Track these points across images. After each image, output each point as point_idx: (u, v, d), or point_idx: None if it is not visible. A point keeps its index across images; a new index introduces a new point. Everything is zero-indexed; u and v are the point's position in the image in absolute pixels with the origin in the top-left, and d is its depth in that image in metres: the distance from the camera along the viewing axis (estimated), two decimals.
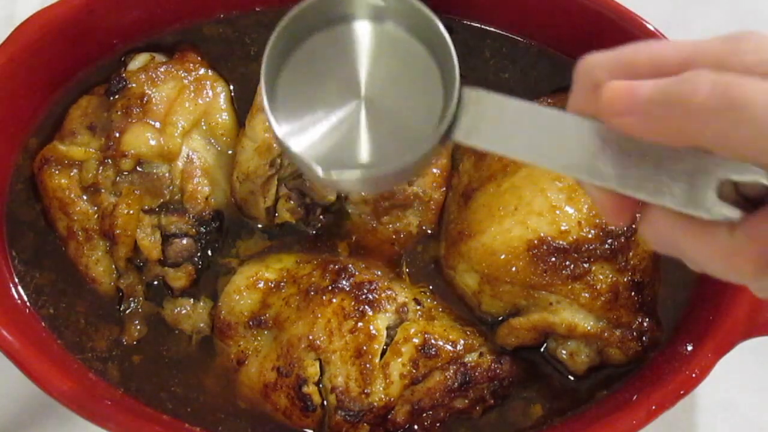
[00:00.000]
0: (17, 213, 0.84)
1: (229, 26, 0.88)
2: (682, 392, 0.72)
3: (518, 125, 0.47)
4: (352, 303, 0.76)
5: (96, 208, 0.81)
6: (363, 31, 0.54)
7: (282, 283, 0.80)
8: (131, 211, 0.80)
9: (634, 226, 0.77)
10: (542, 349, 0.81)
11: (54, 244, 0.84)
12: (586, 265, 0.75)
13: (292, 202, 0.83)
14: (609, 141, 0.45)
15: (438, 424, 0.78)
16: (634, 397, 0.74)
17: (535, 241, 0.75)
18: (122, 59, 0.86)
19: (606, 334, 0.77)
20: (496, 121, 0.48)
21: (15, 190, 0.85)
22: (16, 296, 0.82)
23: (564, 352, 0.79)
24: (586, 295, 0.76)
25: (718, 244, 0.42)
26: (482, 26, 0.87)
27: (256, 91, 0.83)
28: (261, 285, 0.80)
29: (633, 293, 0.77)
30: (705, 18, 0.98)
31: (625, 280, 0.76)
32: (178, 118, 0.82)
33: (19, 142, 0.85)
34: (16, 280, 0.83)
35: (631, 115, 0.42)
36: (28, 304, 0.83)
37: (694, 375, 0.73)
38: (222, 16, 0.88)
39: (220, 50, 0.88)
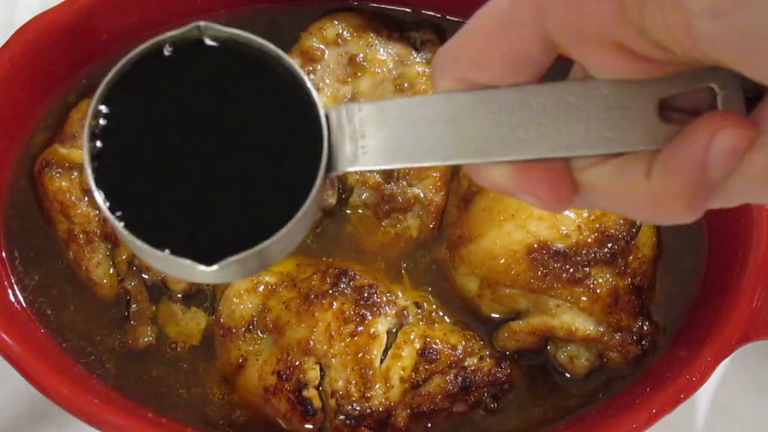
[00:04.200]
0: (16, 215, 0.84)
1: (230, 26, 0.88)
2: (682, 396, 0.72)
3: (402, 127, 0.38)
4: (352, 307, 0.76)
5: (97, 211, 0.81)
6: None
7: (282, 287, 0.80)
8: None
9: (633, 230, 0.77)
10: (542, 353, 0.81)
11: (53, 247, 0.83)
12: (586, 269, 0.75)
13: None
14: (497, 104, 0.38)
15: (438, 428, 0.78)
16: (635, 401, 0.74)
17: (535, 245, 0.75)
18: None
19: (606, 337, 0.77)
20: (379, 131, 0.38)
21: (15, 193, 0.84)
22: (14, 299, 0.82)
23: (564, 355, 0.79)
24: (586, 298, 0.75)
25: (639, 193, 0.36)
26: None
27: None
28: (261, 288, 0.80)
29: (633, 297, 0.77)
30: None
31: (625, 283, 0.76)
32: None
33: (20, 145, 0.85)
34: (15, 283, 0.83)
35: None
36: (26, 307, 0.82)
37: (694, 379, 0.73)
38: (222, 18, 0.88)
39: None
